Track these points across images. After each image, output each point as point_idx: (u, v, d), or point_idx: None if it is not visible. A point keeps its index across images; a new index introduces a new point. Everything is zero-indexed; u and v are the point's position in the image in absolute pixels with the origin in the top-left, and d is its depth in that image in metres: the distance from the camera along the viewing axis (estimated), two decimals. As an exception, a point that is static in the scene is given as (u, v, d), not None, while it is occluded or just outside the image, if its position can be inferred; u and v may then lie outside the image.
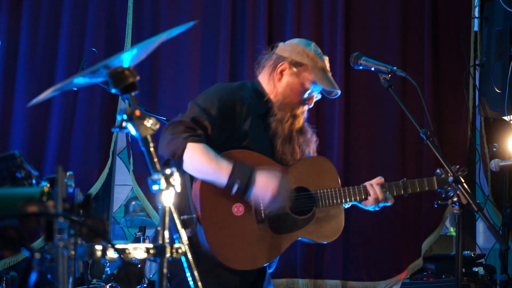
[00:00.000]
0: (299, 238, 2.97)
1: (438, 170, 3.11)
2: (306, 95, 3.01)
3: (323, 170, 3.07)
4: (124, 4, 4.94)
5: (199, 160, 2.73)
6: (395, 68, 2.81)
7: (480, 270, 4.28)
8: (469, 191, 2.49)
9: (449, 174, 2.63)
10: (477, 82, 4.80)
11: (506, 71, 4.22)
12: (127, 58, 1.99)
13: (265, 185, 2.76)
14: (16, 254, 1.48)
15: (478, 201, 2.45)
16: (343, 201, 3.02)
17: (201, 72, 4.86)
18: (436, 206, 3.02)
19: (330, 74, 3.01)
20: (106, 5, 4.94)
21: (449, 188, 3.04)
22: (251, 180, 2.75)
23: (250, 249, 2.84)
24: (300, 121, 3.03)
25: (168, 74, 4.89)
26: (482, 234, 5.25)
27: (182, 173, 2.78)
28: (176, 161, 2.73)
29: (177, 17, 4.91)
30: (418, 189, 3.09)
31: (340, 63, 4.75)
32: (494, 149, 4.54)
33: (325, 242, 3.08)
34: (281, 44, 3.09)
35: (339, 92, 3.01)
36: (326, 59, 3.03)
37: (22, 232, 1.35)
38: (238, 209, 2.83)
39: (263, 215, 2.85)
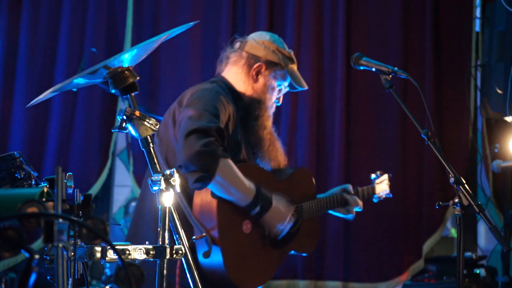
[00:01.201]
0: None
1: (373, 176, 3.29)
2: (279, 94, 3.01)
3: (303, 181, 3.09)
4: (124, 3, 4.92)
5: (230, 180, 2.63)
6: (396, 68, 2.79)
7: (481, 271, 4.26)
8: (471, 192, 2.47)
9: (450, 175, 2.62)
10: (478, 83, 4.78)
11: (508, 72, 4.20)
12: (127, 58, 1.98)
13: (277, 215, 2.80)
14: (16, 255, 1.47)
15: (479, 202, 2.43)
16: (324, 210, 3.11)
17: (202, 72, 4.84)
18: (437, 207, 3.00)
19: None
20: (106, 5, 4.92)
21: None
22: (270, 206, 2.77)
23: (258, 267, 2.83)
24: (271, 121, 3.02)
25: (168, 74, 4.87)
26: (483, 236, 5.23)
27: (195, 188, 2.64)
28: (181, 169, 2.57)
29: (177, 17, 4.89)
30: (366, 197, 3.32)
31: (341, 63, 4.74)
32: (496, 150, 4.52)
33: (304, 254, 3.11)
34: (250, 40, 2.98)
35: (306, 88, 3.06)
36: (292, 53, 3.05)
37: (21, 233, 1.33)
38: (247, 226, 2.80)
39: (266, 231, 2.85)
